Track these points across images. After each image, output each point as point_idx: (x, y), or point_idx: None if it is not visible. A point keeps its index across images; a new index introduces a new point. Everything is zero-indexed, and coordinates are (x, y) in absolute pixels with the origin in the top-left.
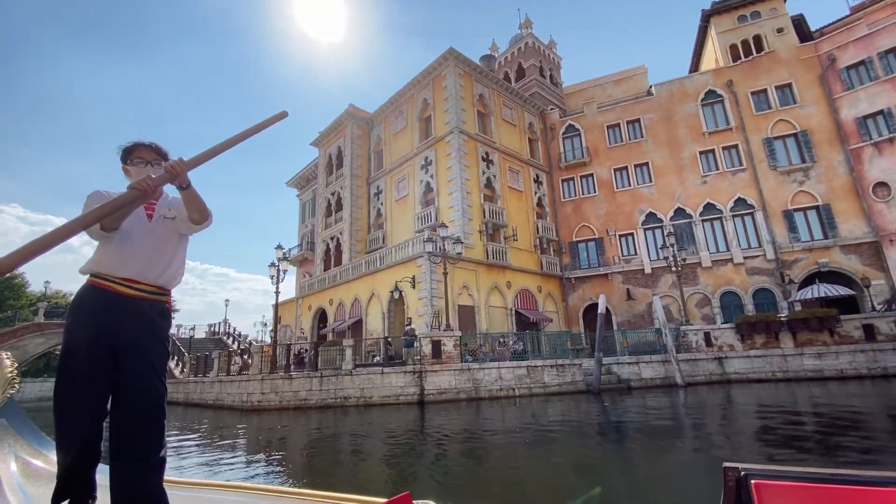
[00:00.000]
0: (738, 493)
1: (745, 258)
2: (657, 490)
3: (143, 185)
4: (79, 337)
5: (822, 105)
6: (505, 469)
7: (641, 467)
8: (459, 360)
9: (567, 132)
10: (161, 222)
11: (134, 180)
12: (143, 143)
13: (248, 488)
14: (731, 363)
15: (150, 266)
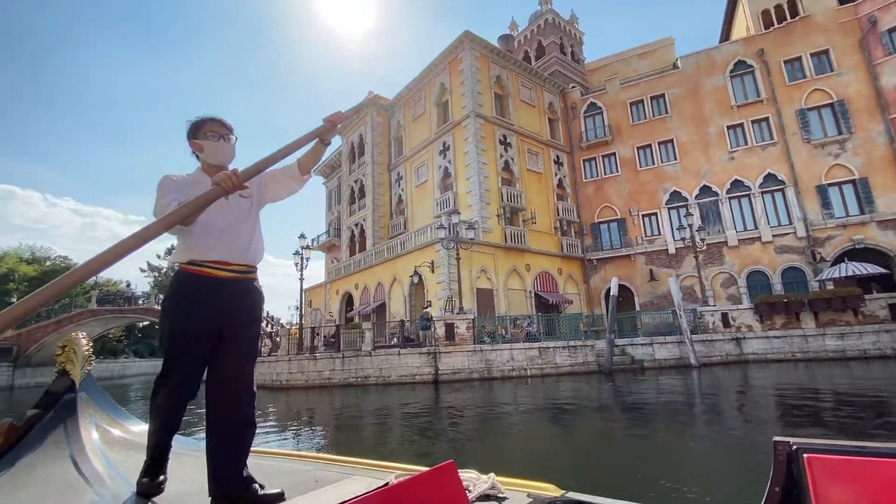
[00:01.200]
0: (788, 468)
1: (773, 236)
2: (662, 466)
3: (227, 183)
4: (182, 322)
5: (862, 72)
6: (523, 441)
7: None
8: (472, 341)
9: (588, 110)
10: (237, 200)
11: (210, 158)
12: (214, 118)
13: (298, 455)
14: (749, 344)
15: (234, 245)
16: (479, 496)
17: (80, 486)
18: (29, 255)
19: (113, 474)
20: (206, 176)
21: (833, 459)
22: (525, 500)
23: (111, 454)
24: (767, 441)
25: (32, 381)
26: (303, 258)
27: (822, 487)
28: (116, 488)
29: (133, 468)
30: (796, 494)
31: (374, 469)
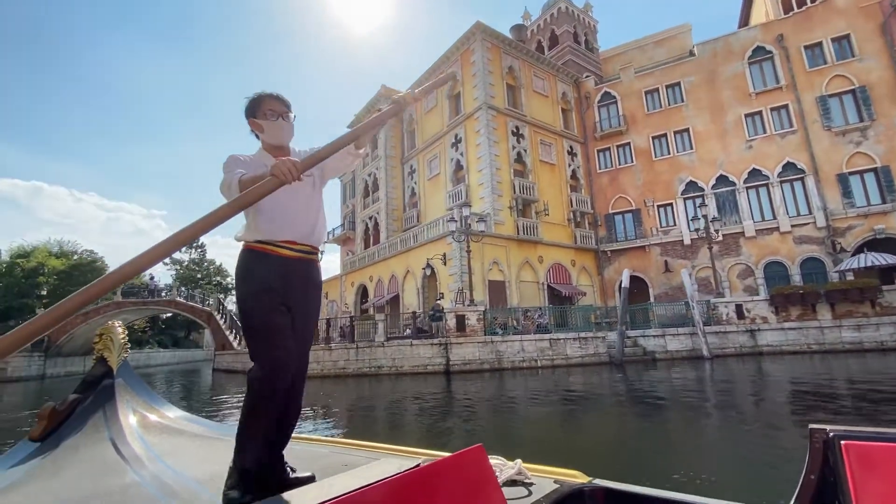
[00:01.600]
0: (825, 455)
1: (792, 226)
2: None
3: (285, 175)
4: (264, 301)
5: (884, 57)
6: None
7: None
8: (483, 333)
9: (603, 100)
10: (302, 180)
11: (270, 138)
12: (272, 95)
13: (325, 441)
14: (764, 336)
15: (303, 225)
16: (507, 481)
17: (120, 467)
18: (57, 249)
19: (151, 456)
20: (269, 156)
21: (872, 446)
22: (552, 486)
23: (148, 437)
24: (784, 430)
25: (63, 370)
26: None
27: (860, 475)
28: (155, 469)
29: (169, 451)
30: (832, 482)
31: (402, 454)
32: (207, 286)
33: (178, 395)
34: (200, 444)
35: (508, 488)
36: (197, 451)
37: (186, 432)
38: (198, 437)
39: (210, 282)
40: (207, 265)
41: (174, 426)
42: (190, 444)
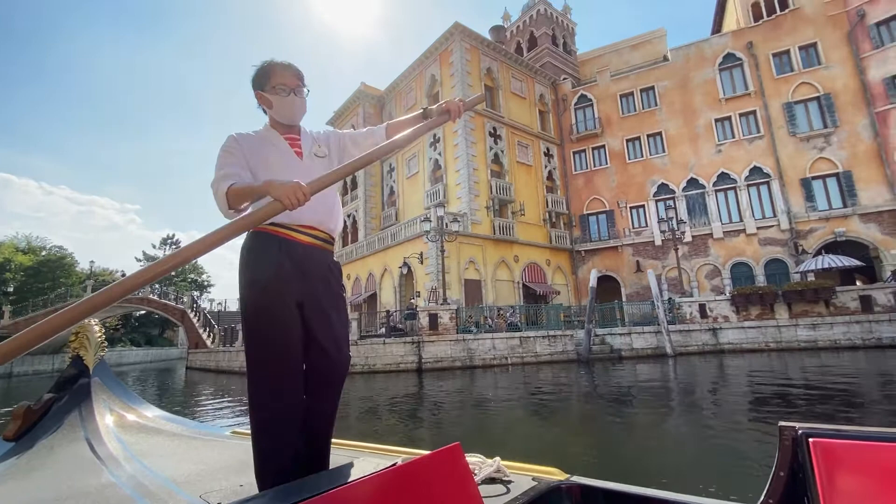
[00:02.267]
0: (794, 452)
1: (758, 228)
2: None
3: (290, 201)
4: (271, 291)
5: (849, 66)
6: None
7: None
8: (455, 331)
9: (579, 102)
10: (313, 160)
11: (279, 115)
12: (281, 63)
13: None
14: (725, 334)
15: (319, 209)
16: (485, 479)
17: (96, 467)
18: (24, 244)
19: (128, 456)
20: (276, 135)
21: (838, 444)
22: (530, 483)
23: (125, 437)
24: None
25: (31, 368)
26: None
27: (826, 472)
28: (131, 469)
29: (146, 450)
30: (801, 479)
31: (380, 452)
32: (182, 284)
33: (149, 396)
34: (179, 443)
35: (487, 486)
36: (175, 451)
37: (164, 432)
38: (176, 436)
39: (185, 279)
40: None
41: (152, 425)
42: (168, 444)
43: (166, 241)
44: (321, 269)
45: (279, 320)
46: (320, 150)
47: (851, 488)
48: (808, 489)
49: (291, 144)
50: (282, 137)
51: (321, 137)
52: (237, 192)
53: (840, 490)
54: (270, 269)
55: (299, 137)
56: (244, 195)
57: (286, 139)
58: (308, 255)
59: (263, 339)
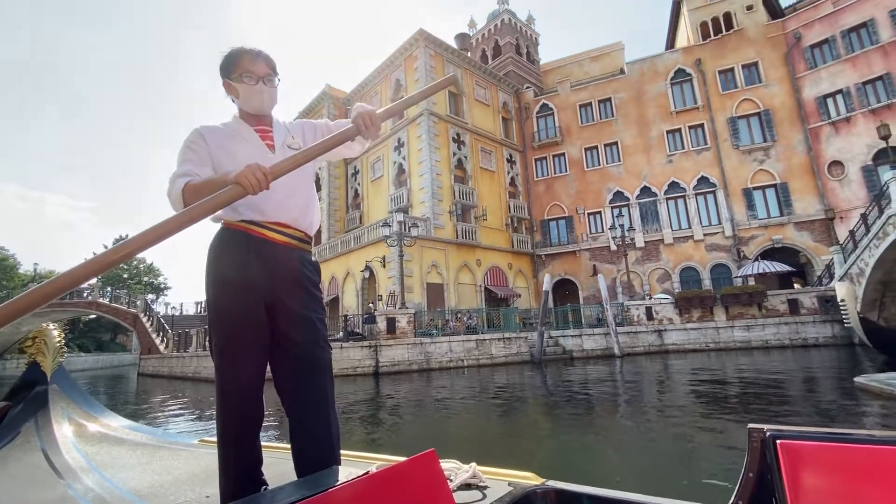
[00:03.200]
0: (762, 454)
1: (704, 235)
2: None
3: (250, 183)
4: (232, 289)
5: (786, 84)
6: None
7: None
8: (413, 334)
9: (541, 111)
10: (285, 152)
11: (247, 105)
12: (250, 50)
13: (273, 447)
14: (670, 335)
15: (292, 207)
16: (461, 485)
17: (52, 480)
18: None
19: (87, 467)
20: (246, 125)
21: (806, 446)
22: (506, 488)
23: (85, 447)
24: (677, 421)
25: None
26: None
27: (794, 473)
28: (90, 481)
29: (107, 461)
30: (770, 480)
31: (353, 459)
32: (136, 286)
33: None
34: (142, 453)
35: (463, 492)
36: (138, 462)
37: (128, 441)
38: (140, 446)
39: (140, 281)
40: (137, 263)
41: (114, 435)
42: (131, 454)
43: (119, 242)
44: (293, 269)
45: (243, 320)
46: (294, 142)
47: (817, 489)
48: (776, 490)
49: (262, 137)
50: (252, 129)
51: (295, 128)
52: (194, 188)
53: (806, 491)
54: (237, 267)
55: (271, 129)
56: (201, 190)
57: (257, 131)
58: (280, 254)
59: (227, 340)
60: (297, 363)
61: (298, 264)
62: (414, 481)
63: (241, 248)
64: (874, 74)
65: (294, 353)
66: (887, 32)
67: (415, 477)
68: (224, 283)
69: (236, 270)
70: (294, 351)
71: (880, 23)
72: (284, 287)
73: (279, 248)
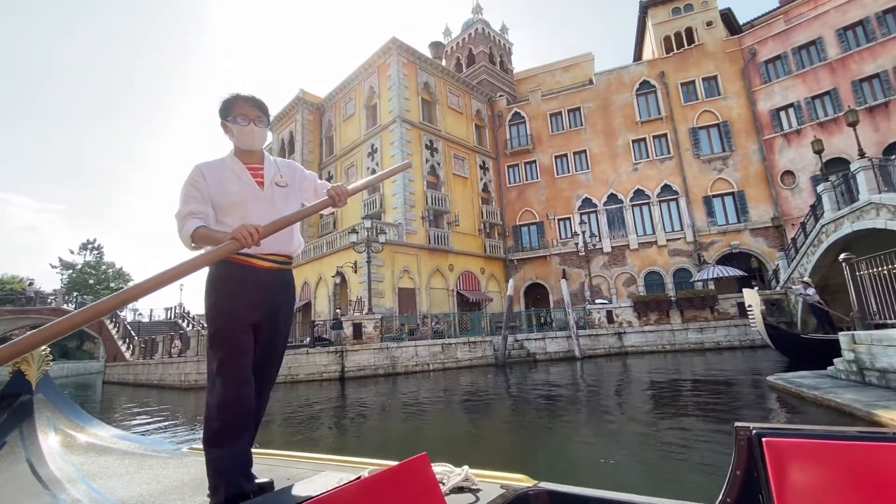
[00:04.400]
0: (749, 452)
1: (668, 241)
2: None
3: (246, 240)
4: (237, 314)
5: (743, 97)
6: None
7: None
8: (379, 339)
9: (513, 119)
10: (273, 189)
11: (240, 143)
12: (244, 96)
13: (266, 453)
14: (629, 337)
15: (279, 239)
16: (453, 488)
17: (37, 491)
18: None
19: (73, 477)
20: (239, 163)
21: (790, 443)
22: (498, 491)
23: (71, 457)
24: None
25: None
26: None
27: (779, 469)
28: (77, 492)
29: (94, 471)
30: (756, 477)
31: (346, 465)
32: (105, 291)
33: None
34: (130, 462)
35: (455, 495)
36: (126, 471)
37: (115, 450)
38: (128, 454)
39: (108, 286)
40: (106, 268)
41: (101, 444)
42: (118, 464)
43: (86, 247)
44: (277, 287)
45: (236, 340)
46: (282, 180)
47: (802, 484)
48: (763, 487)
49: (254, 174)
50: (244, 168)
51: (284, 166)
52: (203, 236)
53: (791, 486)
54: (233, 297)
55: (262, 166)
56: (208, 240)
57: (248, 168)
58: (267, 278)
59: (222, 357)
60: (270, 367)
61: (281, 287)
62: (406, 485)
63: (235, 278)
64: (822, 90)
65: (270, 358)
66: (834, 50)
67: (407, 481)
68: (222, 310)
69: (232, 299)
70: (271, 356)
71: (828, 41)
72: (271, 303)
73: (267, 273)
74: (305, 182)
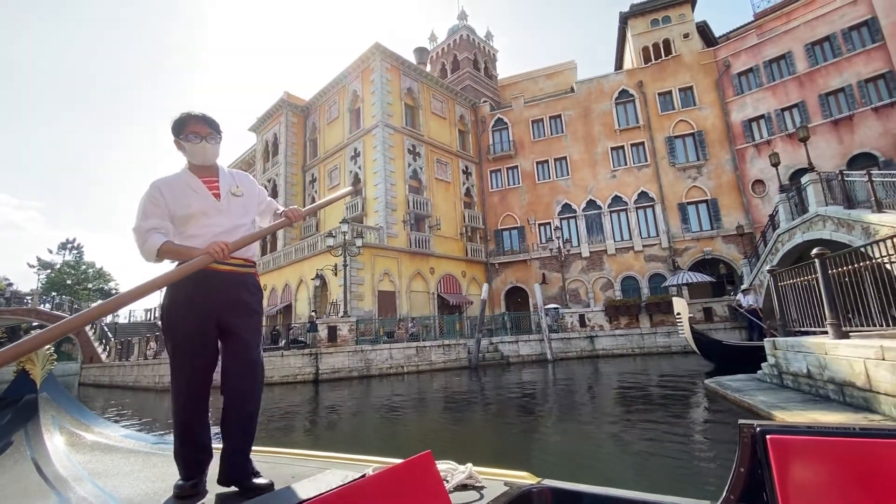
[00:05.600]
0: (753, 449)
1: (644, 246)
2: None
3: (218, 255)
4: (183, 318)
5: (717, 108)
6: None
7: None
8: (354, 342)
9: (496, 125)
10: (230, 199)
11: (193, 159)
12: (195, 115)
13: (271, 451)
14: (601, 341)
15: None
16: (457, 486)
17: (43, 490)
18: None
19: (79, 476)
20: (193, 177)
21: (794, 440)
22: (502, 488)
23: (76, 456)
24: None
25: None
26: None
27: (783, 466)
28: (83, 491)
29: (100, 470)
30: (760, 474)
31: (350, 462)
32: (84, 292)
33: None
34: (135, 461)
35: (460, 493)
36: (131, 470)
37: (120, 449)
38: (133, 453)
39: (88, 287)
40: (86, 268)
41: (107, 443)
42: (124, 463)
43: (65, 246)
44: (236, 289)
45: (189, 338)
46: (237, 190)
47: (805, 481)
48: (767, 484)
49: (210, 187)
50: (200, 181)
51: (239, 177)
52: (169, 250)
53: (795, 483)
54: (185, 296)
55: (217, 178)
56: (174, 254)
57: (204, 181)
58: (224, 280)
59: (177, 352)
60: (239, 364)
61: (238, 283)
62: (411, 483)
63: (191, 281)
64: (791, 102)
65: (234, 361)
66: (803, 64)
67: (411, 479)
68: (175, 308)
69: (184, 298)
70: (234, 359)
71: (797, 55)
72: (226, 303)
73: (224, 276)
74: (262, 195)
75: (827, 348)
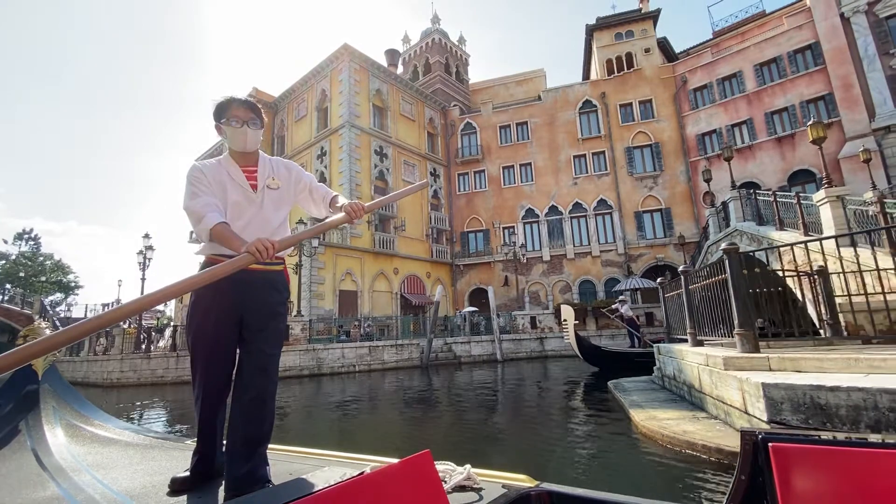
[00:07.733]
0: (754, 457)
1: (601, 251)
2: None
3: (261, 255)
4: (208, 315)
5: (673, 121)
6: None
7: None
8: (306, 342)
9: (465, 129)
10: (266, 193)
11: (233, 144)
12: (238, 99)
13: (272, 448)
14: (550, 342)
15: (264, 237)
16: (455, 487)
17: (42, 480)
18: None
19: (77, 467)
20: (235, 165)
21: (796, 448)
22: (500, 490)
23: (76, 447)
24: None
25: None
26: (146, 258)
27: (785, 475)
28: (81, 481)
29: (99, 462)
30: (761, 482)
31: (348, 461)
32: (42, 284)
33: None
34: (134, 453)
35: (457, 494)
36: (130, 462)
37: (119, 441)
38: (132, 445)
39: (47, 279)
40: (43, 259)
41: (106, 435)
42: (122, 455)
43: (21, 237)
44: (264, 291)
45: (211, 336)
46: (274, 183)
47: (807, 490)
48: (768, 492)
49: (248, 177)
50: (240, 170)
51: (277, 167)
52: (221, 234)
53: (797, 492)
54: (211, 294)
55: (256, 168)
56: (224, 240)
57: (244, 171)
58: (252, 279)
59: (198, 351)
60: (256, 364)
61: (265, 284)
62: (409, 483)
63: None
64: (740, 119)
65: (255, 360)
66: (752, 83)
67: (409, 478)
68: (205, 307)
69: (210, 296)
70: (256, 358)
71: (747, 75)
72: (256, 302)
73: (253, 275)
74: (301, 183)
75: (684, 354)
